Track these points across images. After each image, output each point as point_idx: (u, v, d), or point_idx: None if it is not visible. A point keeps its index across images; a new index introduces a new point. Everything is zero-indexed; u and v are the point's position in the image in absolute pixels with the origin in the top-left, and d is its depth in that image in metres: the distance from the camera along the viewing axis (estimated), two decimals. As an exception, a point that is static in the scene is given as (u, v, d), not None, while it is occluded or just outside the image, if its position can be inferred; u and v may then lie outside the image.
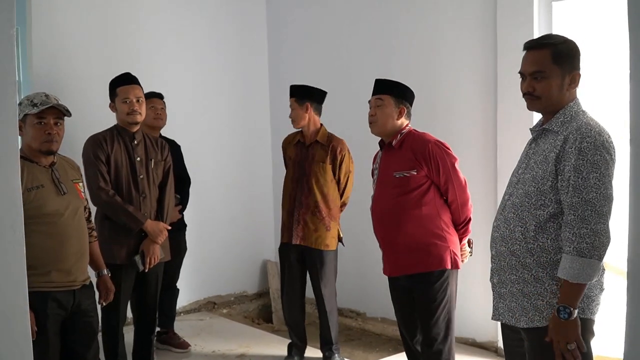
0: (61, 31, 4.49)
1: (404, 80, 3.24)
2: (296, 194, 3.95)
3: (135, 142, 3.57)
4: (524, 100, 2.31)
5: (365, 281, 4.87)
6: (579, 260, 2.06)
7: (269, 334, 4.88)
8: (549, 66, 2.19)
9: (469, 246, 3.30)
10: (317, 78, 4.96)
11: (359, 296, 5.04)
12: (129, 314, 3.75)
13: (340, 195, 3.98)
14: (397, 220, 3.11)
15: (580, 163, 2.09)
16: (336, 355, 4.03)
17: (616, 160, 2.14)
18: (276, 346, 4.46)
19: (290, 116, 3.97)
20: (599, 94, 3.41)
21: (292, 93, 3.96)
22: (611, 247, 2.10)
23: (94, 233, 3.09)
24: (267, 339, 4.68)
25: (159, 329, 4.34)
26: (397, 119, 3.16)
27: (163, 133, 4.29)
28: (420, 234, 3.08)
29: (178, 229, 4.24)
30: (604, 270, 2.23)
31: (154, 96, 4.21)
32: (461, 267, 3.18)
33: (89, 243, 2.96)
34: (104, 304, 3.14)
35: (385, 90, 3.18)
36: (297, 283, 4.06)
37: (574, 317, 2.08)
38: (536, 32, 3.73)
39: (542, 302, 2.19)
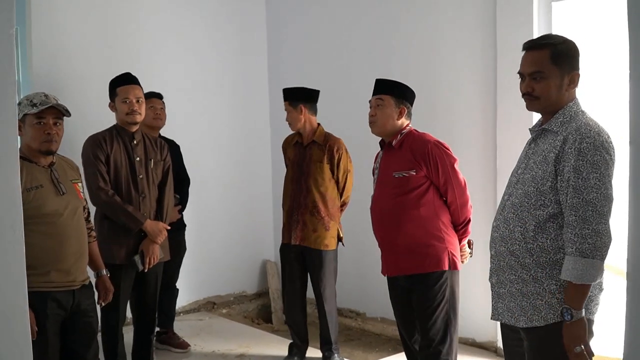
0: (61, 31, 4.49)
1: (403, 80, 3.24)
2: (295, 195, 3.96)
3: (135, 142, 3.57)
4: (524, 101, 2.31)
5: (365, 281, 4.87)
6: (582, 261, 2.06)
7: (268, 334, 4.88)
8: (548, 66, 2.19)
9: (469, 247, 3.29)
10: (316, 78, 4.96)
11: (359, 296, 5.04)
12: (129, 313, 3.75)
13: (340, 194, 3.98)
14: (396, 220, 3.11)
15: (580, 164, 2.08)
16: (336, 355, 4.03)
17: (615, 160, 2.14)
18: (276, 346, 4.46)
19: (286, 120, 3.98)
20: (599, 94, 3.41)
21: (285, 96, 3.96)
22: (611, 248, 2.10)
23: (93, 233, 3.09)
24: (266, 339, 4.68)
25: (158, 329, 4.34)
26: (398, 119, 3.15)
27: (162, 133, 4.30)
28: (419, 234, 3.07)
29: (177, 229, 4.24)
30: (603, 271, 2.22)
31: (154, 96, 4.21)
32: (461, 268, 3.17)
33: (88, 243, 2.96)
34: (102, 304, 3.14)
35: (385, 90, 3.17)
36: (297, 283, 4.06)
37: (577, 318, 2.08)
38: (536, 32, 3.73)
39: (541, 301, 2.18)
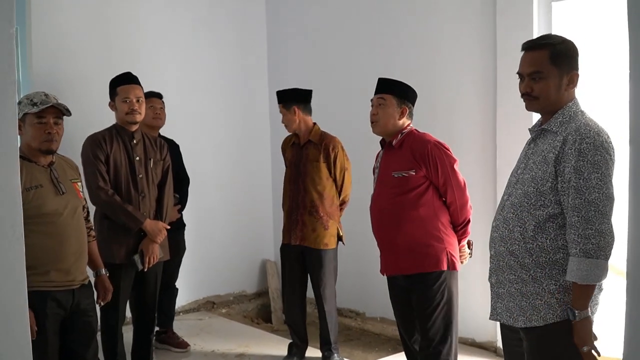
0: (61, 31, 4.49)
1: (403, 80, 3.23)
2: (294, 195, 3.97)
3: (135, 141, 3.57)
4: (523, 101, 2.31)
5: (364, 281, 4.87)
6: (586, 261, 2.06)
7: (268, 334, 4.88)
8: (547, 67, 2.19)
9: (468, 248, 3.29)
10: (316, 78, 4.97)
11: (359, 296, 5.04)
12: (128, 313, 3.75)
13: (339, 193, 3.98)
14: (396, 220, 3.10)
15: (581, 164, 2.08)
16: (335, 355, 4.03)
17: (615, 160, 2.14)
18: (275, 346, 4.46)
19: (282, 122, 3.99)
20: (599, 94, 3.41)
21: (278, 99, 3.98)
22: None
23: (93, 232, 3.09)
24: (266, 339, 4.68)
25: (158, 329, 4.34)
26: (399, 119, 3.15)
27: (162, 133, 4.30)
28: (418, 234, 3.07)
29: (177, 229, 4.24)
30: (607, 270, 2.23)
31: (153, 96, 4.21)
32: (460, 269, 3.17)
33: (88, 243, 2.96)
34: (102, 303, 3.14)
35: (387, 90, 3.17)
36: (297, 283, 4.06)
37: (583, 318, 2.10)
38: (536, 32, 3.73)
39: (540, 301, 2.19)
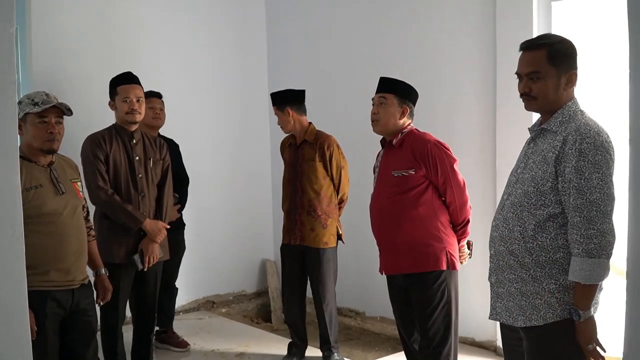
0: (61, 31, 4.48)
1: (403, 80, 3.22)
2: (292, 196, 3.98)
3: (134, 141, 3.57)
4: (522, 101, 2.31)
5: (364, 280, 4.87)
6: (589, 261, 2.06)
7: (268, 333, 4.88)
8: (545, 66, 2.19)
9: (468, 248, 3.29)
10: (316, 78, 4.97)
11: (358, 295, 5.04)
12: (128, 313, 3.75)
13: (337, 191, 3.98)
14: (395, 219, 3.10)
15: (581, 164, 2.08)
16: (335, 355, 4.03)
17: (615, 159, 2.14)
18: (275, 345, 4.46)
19: (278, 124, 4.01)
20: (599, 94, 3.41)
21: (272, 101, 4.00)
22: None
23: (92, 232, 3.09)
24: (266, 338, 4.68)
25: (157, 328, 4.34)
26: (400, 119, 3.15)
27: (162, 132, 4.30)
28: (418, 234, 3.07)
29: (177, 228, 4.24)
30: (609, 269, 2.23)
31: (153, 95, 4.21)
32: (459, 269, 3.17)
33: (87, 242, 2.96)
34: (101, 303, 3.14)
35: (389, 89, 3.16)
36: (296, 283, 4.07)
37: (587, 317, 2.10)
38: (535, 32, 3.72)
39: (540, 301, 2.19)
